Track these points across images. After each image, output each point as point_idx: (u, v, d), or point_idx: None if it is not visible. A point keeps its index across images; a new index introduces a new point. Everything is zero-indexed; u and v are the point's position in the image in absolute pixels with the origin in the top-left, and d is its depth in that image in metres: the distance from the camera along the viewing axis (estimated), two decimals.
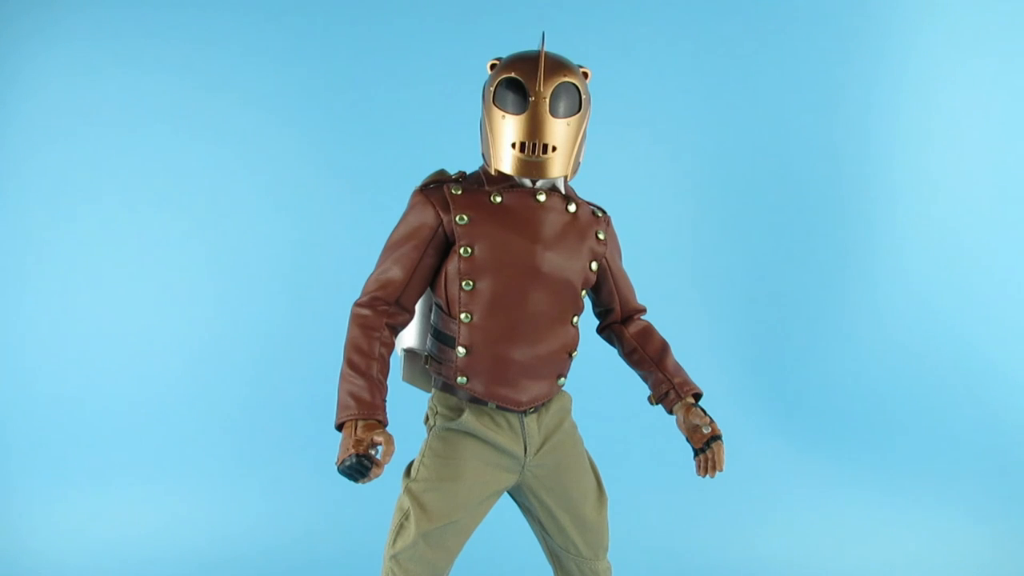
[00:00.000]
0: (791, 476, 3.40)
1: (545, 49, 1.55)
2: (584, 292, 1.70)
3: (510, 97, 1.54)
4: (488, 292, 1.57)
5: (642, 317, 1.89)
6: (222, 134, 3.43)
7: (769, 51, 3.65)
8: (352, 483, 1.45)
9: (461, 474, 1.59)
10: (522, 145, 1.53)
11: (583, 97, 1.58)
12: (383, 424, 1.47)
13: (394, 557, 1.58)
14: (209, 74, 3.41)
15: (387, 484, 1.76)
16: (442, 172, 1.67)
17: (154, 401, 3.32)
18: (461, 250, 1.56)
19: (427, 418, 1.71)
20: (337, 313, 1.77)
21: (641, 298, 1.88)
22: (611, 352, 1.90)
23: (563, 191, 1.65)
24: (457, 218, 1.56)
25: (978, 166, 3.73)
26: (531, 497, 1.71)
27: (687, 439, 1.74)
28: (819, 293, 3.72)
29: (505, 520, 2.23)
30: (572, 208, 1.65)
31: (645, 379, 1.83)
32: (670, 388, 1.76)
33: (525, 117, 1.52)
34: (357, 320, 1.56)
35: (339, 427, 1.48)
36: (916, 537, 3.13)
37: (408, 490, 1.60)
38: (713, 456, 1.70)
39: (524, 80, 1.52)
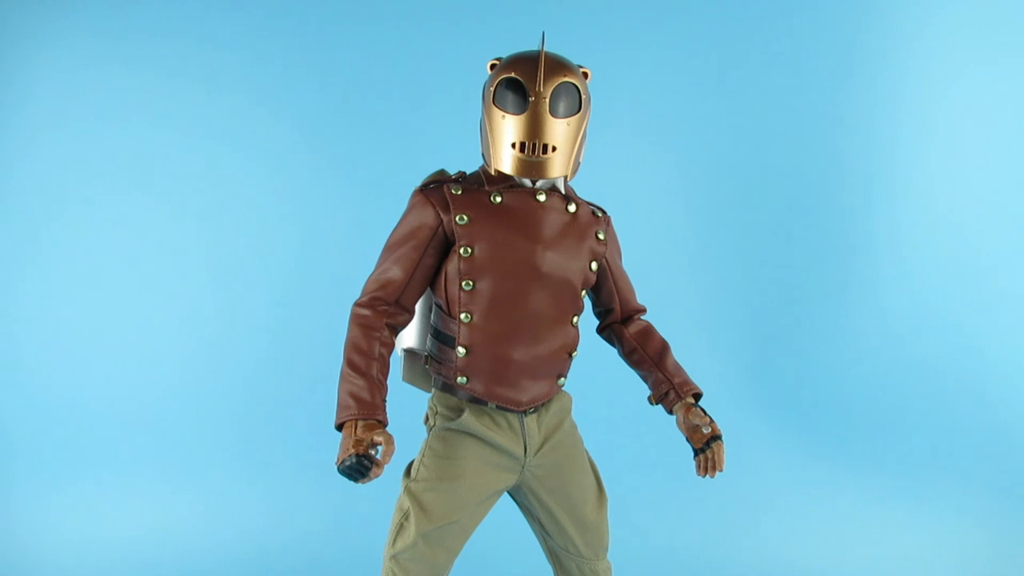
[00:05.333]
0: (791, 476, 3.40)
1: (545, 49, 1.55)
2: (584, 292, 1.70)
3: (510, 97, 1.54)
4: (488, 292, 1.57)
5: (642, 317, 1.89)
6: (222, 133, 3.43)
7: (771, 52, 3.65)
8: (352, 483, 1.45)
9: (461, 474, 1.59)
10: (522, 145, 1.53)
11: (583, 97, 1.58)
12: (383, 424, 1.47)
13: (394, 557, 1.59)
14: (209, 72, 3.41)
15: (387, 484, 1.76)
16: (442, 172, 1.67)
17: (154, 402, 3.32)
18: (461, 250, 1.56)
19: (427, 418, 1.71)
20: (337, 314, 1.77)
21: (641, 298, 1.88)
22: (611, 352, 1.90)
23: (563, 191, 1.65)
24: (457, 218, 1.56)
25: (980, 167, 3.73)
26: (531, 497, 1.71)
27: (687, 439, 1.74)
28: (819, 293, 3.72)
29: (505, 520, 2.23)
30: (572, 208, 1.65)
31: (645, 379, 1.83)
32: (670, 388, 1.76)
33: (525, 117, 1.52)
34: (357, 320, 1.56)
35: (339, 427, 1.48)
36: (917, 537, 3.13)
37: (408, 490, 1.60)
38: (713, 456, 1.70)
39: (524, 80, 1.52)
